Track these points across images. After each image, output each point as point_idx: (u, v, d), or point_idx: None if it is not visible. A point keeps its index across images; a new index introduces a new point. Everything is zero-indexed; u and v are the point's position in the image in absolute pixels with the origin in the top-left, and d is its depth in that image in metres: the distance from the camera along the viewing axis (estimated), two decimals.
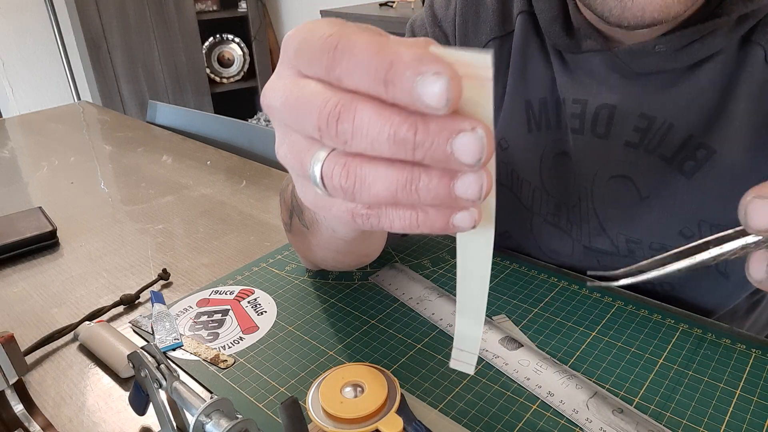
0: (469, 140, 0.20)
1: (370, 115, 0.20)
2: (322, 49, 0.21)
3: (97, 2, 2.59)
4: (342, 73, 0.21)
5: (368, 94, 0.21)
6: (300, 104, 0.22)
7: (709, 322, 0.51)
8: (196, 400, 0.35)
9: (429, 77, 0.19)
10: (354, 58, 0.20)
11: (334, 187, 0.23)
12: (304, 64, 0.23)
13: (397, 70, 0.19)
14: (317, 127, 0.22)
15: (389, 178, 0.21)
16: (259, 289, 0.59)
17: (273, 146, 0.57)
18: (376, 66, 0.20)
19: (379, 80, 0.20)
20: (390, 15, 2.00)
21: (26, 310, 0.59)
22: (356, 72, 0.20)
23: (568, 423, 0.41)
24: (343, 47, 0.21)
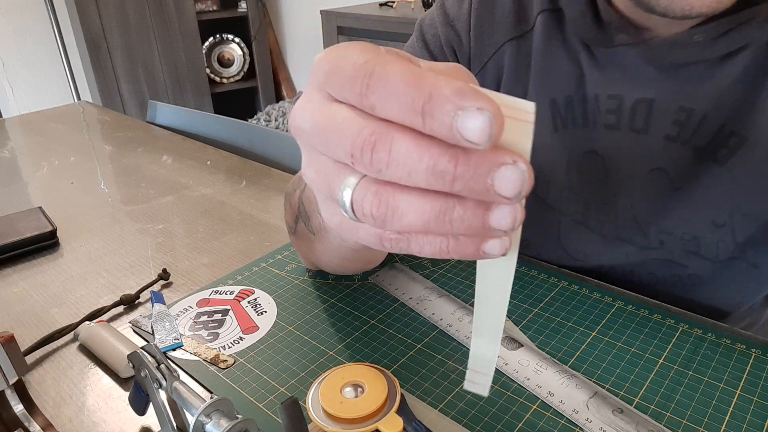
0: (511, 174, 0.20)
1: (408, 146, 0.20)
2: (356, 75, 0.21)
3: (97, 2, 2.59)
4: (377, 101, 0.21)
5: (403, 124, 0.21)
6: (331, 129, 0.22)
7: (709, 322, 0.51)
8: (196, 400, 0.35)
9: (471, 112, 0.19)
10: (390, 87, 0.20)
11: (365, 215, 0.23)
12: (336, 88, 0.23)
13: (436, 102, 0.19)
14: (350, 153, 0.22)
15: (423, 208, 0.21)
16: (259, 289, 0.59)
17: (273, 146, 0.58)
18: (413, 97, 0.20)
19: (416, 111, 0.20)
20: (390, 15, 2.00)
21: (26, 310, 0.59)
22: (392, 101, 0.20)
23: (568, 423, 0.41)
24: (379, 75, 0.21)
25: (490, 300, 0.26)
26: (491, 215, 0.21)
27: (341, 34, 2.14)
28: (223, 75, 3.15)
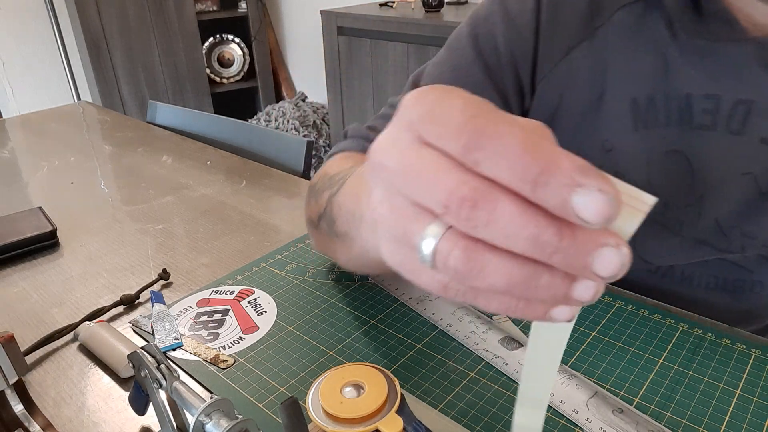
0: (613, 257, 0.20)
1: (512, 211, 0.20)
2: (464, 127, 0.21)
3: (97, 2, 2.59)
4: (484, 159, 0.20)
5: (509, 187, 0.20)
6: (425, 174, 0.22)
7: (709, 322, 0.51)
8: (196, 400, 0.35)
9: (592, 191, 0.19)
10: (503, 149, 0.20)
11: (447, 267, 0.22)
12: (435, 135, 0.22)
13: (554, 174, 0.19)
14: (444, 204, 0.21)
15: (511, 272, 0.21)
16: (259, 289, 0.59)
17: (273, 146, 0.59)
18: (528, 164, 0.20)
19: (527, 179, 0.20)
20: (390, 15, 2.00)
21: (26, 310, 0.59)
22: (503, 163, 0.20)
23: (568, 423, 0.41)
24: (492, 134, 0.20)
25: (541, 366, 0.25)
26: (576, 287, 0.21)
27: (341, 34, 2.14)
28: (223, 75, 3.15)
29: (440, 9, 2.00)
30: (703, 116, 0.50)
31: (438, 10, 1.99)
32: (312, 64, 3.08)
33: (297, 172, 1.02)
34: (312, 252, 0.66)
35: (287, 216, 0.76)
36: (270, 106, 2.99)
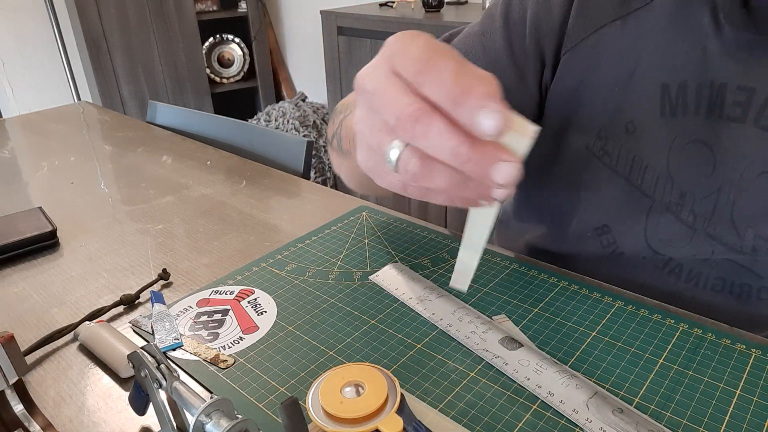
0: (507, 168, 0.28)
1: (440, 127, 0.28)
2: (418, 59, 0.29)
3: (97, 2, 2.59)
4: (424, 82, 0.28)
5: (438, 105, 0.28)
6: (387, 96, 0.29)
7: (709, 322, 0.51)
8: (196, 400, 0.35)
9: (490, 112, 0.26)
10: (439, 76, 0.28)
11: (407, 170, 0.30)
12: (400, 65, 0.29)
13: (468, 97, 0.27)
14: (396, 118, 0.28)
15: (450, 176, 0.29)
16: (259, 289, 0.59)
17: (273, 146, 0.62)
18: (452, 88, 0.27)
19: (450, 100, 0.27)
20: (390, 15, 2.00)
21: (26, 310, 0.59)
22: (436, 86, 0.28)
23: (568, 423, 0.41)
24: (434, 64, 0.28)
25: (478, 227, 0.36)
26: (494, 191, 0.30)
27: (341, 34, 2.14)
28: (223, 75, 3.15)
29: (440, 9, 2.00)
30: (734, 108, 0.50)
31: (438, 10, 1.99)
32: (312, 64, 3.08)
33: (297, 172, 1.02)
34: (312, 252, 0.66)
35: (287, 216, 0.76)
36: (270, 106, 2.99)
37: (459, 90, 0.27)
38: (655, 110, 0.54)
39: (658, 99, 0.53)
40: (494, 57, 0.60)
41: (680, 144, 0.54)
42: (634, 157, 0.56)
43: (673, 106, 0.53)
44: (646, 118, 0.54)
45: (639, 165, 0.56)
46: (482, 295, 0.56)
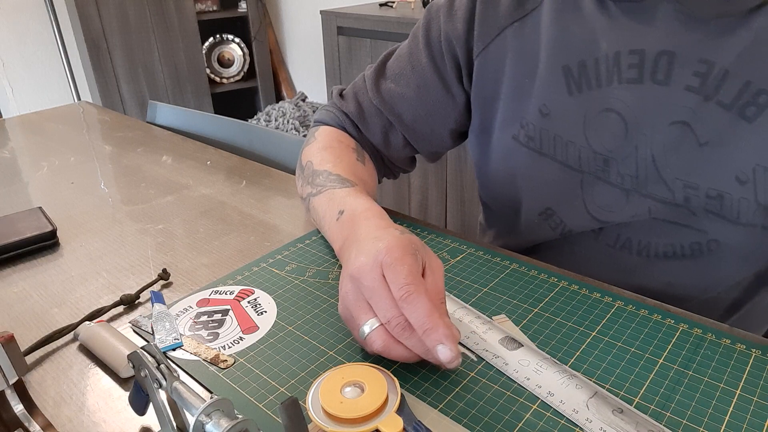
0: (447, 355, 0.42)
1: (413, 340, 0.44)
2: (403, 284, 0.43)
3: (97, 2, 2.59)
4: (406, 308, 0.43)
5: (413, 325, 0.43)
6: (383, 299, 0.44)
7: (709, 322, 0.51)
8: (196, 400, 0.35)
9: (447, 349, 0.42)
10: (416, 308, 0.43)
11: (372, 346, 0.45)
12: (390, 278, 0.44)
13: (432, 333, 0.42)
14: (387, 320, 0.44)
15: (405, 355, 0.45)
16: (259, 289, 0.59)
17: (273, 146, 0.67)
18: (423, 323, 0.42)
19: (421, 329, 0.42)
20: (390, 15, 2.00)
21: (26, 310, 0.59)
22: (414, 314, 0.43)
23: (568, 423, 0.41)
24: (414, 299, 0.43)
25: None
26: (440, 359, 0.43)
27: (341, 34, 2.14)
28: (223, 75, 3.15)
29: None
30: (630, 71, 0.55)
31: None
32: (312, 64, 3.08)
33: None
34: (312, 252, 0.66)
35: (287, 216, 0.76)
36: (270, 106, 2.99)
37: (429, 325, 0.42)
38: (562, 91, 0.59)
39: (563, 80, 0.59)
40: (421, 74, 0.69)
41: (591, 115, 0.59)
42: (554, 136, 0.62)
43: (578, 83, 0.58)
44: (557, 99, 0.60)
45: (561, 143, 0.61)
46: (482, 295, 0.56)
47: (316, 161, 0.67)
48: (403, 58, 0.71)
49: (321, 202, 0.62)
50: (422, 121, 0.71)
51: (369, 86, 0.72)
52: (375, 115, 0.72)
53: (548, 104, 0.61)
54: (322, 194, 0.62)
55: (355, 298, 0.46)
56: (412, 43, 0.71)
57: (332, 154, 0.68)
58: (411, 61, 0.70)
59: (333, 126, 0.74)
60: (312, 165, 0.67)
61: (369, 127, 0.72)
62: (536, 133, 0.62)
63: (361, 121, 0.72)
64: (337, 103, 0.75)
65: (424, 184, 2.07)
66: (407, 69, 0.70)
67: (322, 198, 0.62)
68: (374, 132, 0.72)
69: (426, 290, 0.43)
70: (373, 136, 0.73)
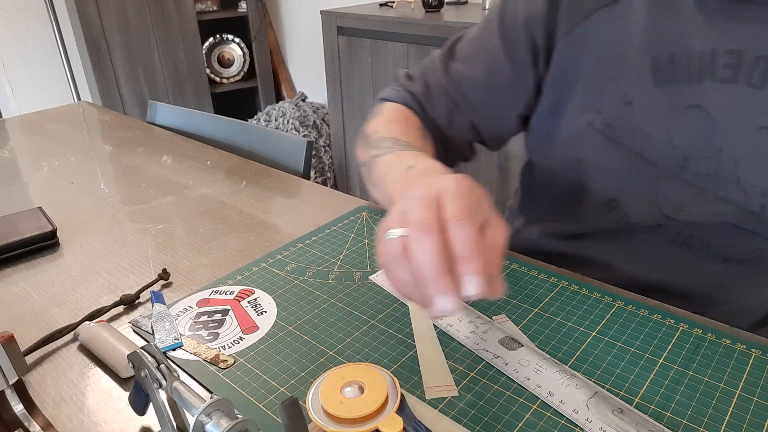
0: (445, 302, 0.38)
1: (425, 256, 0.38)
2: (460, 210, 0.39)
3: (97, 2, 2.59)
4: (452, 229, 0.38)
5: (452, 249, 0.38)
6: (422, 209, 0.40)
7: (709, 322, 0.51)
8: (196, 400, 0.35)
9: (476, 281, 0.37)
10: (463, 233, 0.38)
11: (382, 249, 0.42)
12: (447, 200, 0.40)
13: (469, 263, 0.38)
14: (417, 217, 0.39)
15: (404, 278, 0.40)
16: (259, 289, 0.59)
17: (273, 146, 0.67)
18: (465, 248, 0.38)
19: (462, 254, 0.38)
20: (390, 15, 2.00)
21: (26, 310, 0.59)
22: (457, 238, 0.38)
23: (568, 423, 0.41)
24: (464, 223, 0.38)
25: (421, 323, 0.50)
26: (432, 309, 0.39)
27: (341, 34, 2.14)
28: (223, 75, 3.15)
29: (440, 9, 2.00)
30: (725, 70, 0.54)
31: (438, 10, 1.99)
32: (312, 64, 3.08)
33: (297, 172, 1.02)
34: (312, 252, 0.66)
35: (287, 216, 0.76)
36: (270, 106, 2.99)
37: (467, 253, 0.37)
38: (647, 82, 0.58)
39: (650, 71, 0.57)
40: (492, 56, 0.67)
41: (677, 111, 0.57)
42: (634, 126, 0.60)
43: (666, 76, 0.57)
44: (642, 89, 0.58)
45: (640, 134, 0.59)
46: None
47: (383, 130, 0.66)
48: (474, 41, 0.70)
49: (388, 160, 0.59)
50: (490, 104, 0.70)
51: (438, 67, 0.71)
52: (442, 96, 0.71)
53: (632, 93, 0.59)
54: (391, 154, 0.60)
55: (398, 209, 0.42)
56: (484, 27, 0.69)
57: (399, 126, 0.67)
58: (482, 44, 0.69)
59: (398, 103, 0.73)
60: (379, 133, 0.66)
61: (434, 107, 0.71)
62: (615, 121, 0.61)
63: (427, 101, 0.71)
64: (404, 83, 0.74)
65: None
66: (478, 52, 0.69)
67: (389, 156, 0.60)
68: (439, 112, 0.71)
69: (483, 234, 0.39)
70: (438, 116, 0.71)
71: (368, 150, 0.66)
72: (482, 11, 1.95)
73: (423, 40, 1.88)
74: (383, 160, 0.60)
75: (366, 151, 0.67)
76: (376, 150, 0.63)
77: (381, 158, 0.61)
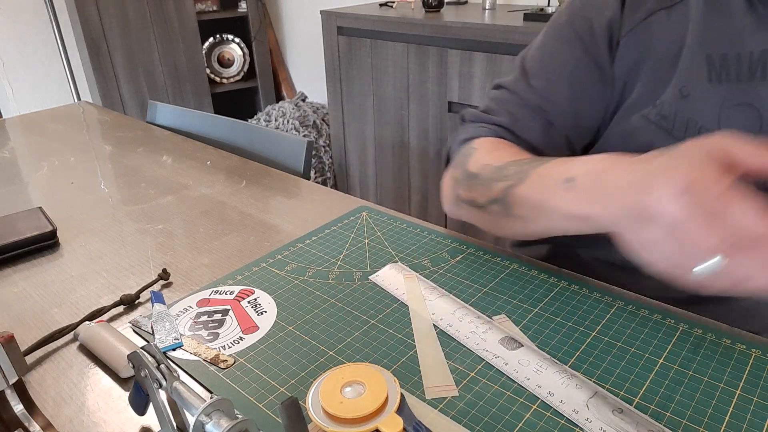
0: None
1: None
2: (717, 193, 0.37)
3: (97, 2, 2.59)
4: (729, 214, 0.36)
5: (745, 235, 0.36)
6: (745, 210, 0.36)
7: (710, 322, 0.51)
8: (196, 400, 0.35)
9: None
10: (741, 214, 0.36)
11: (712, 286, 0.37)
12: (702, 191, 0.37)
13: None
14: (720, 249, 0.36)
15: None
16: (259, 289, 0.59)
17: (273, 146, 0.62)
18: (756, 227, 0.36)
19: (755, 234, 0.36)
20: (390, 15, 2.00)
21: (26, 310, 0.59)
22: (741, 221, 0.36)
23: (568, 423, 0.41)
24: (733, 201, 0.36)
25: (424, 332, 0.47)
26: None
27: (341, 34, 2.14)
28: (223, 75, 3.15)
29: (440, 9, 2.00)
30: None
31: (438, 10, 1.99)
32: (312, 64, 3.08)
33: (297, 172, 1.02)
34: (312, 252, 0.66)
35: (287, 216, 0.76)
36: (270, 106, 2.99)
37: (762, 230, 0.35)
38: (702, 76, 0.60)
39: (704, 67, 0.60)
40: (578, 67, 0.69)
41: (728, 106, 0.59)
42: (689, 119, 0.62)
43: (718, 73, 0.59)
44: (697, 83, 0.60)
45: (693, 127, 0.61)
46: (482, 295, 0.56)
47: (494, 161, 0.62)
48: (546, 59, 0.70)
49: (532, 186, 0.54)
50: (581, 115, 0.70)
51: (520, 89, 0.70)
52: (534, 116, 0.70)
53: (688, 86, 0.61)
54: (529, 179, 0.55)
55: (693, 219, 0.37)
56: (553, 41, 0.70)
57: (508, 151, 0.64)
58: (559, 57, 0.69)
59: (488, 137, 0.69)
60: (491, 165, 0.61)
61: (527, 130, 0.70)
62: (671, 113, 0.62)
63: (518, 126, 0.70)
64: (485, 118, 0.71)
65: (424, 184, 2.07)
66: (556, 66, 0.69)
67: (530, 182, 0.54)
68: (534, 133, 0.70)
69: None
70: (533, 137, 0.70)
71: (487, 189, 0.61)
72: (482, 11, 1.95)
73: (423, 40, 1.88)
74: (524, 189, 0.55)
75: (485, 189, 0.61)
76: (503, 182, 0.58)
77: (519, 187, 0.56)
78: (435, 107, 1.91)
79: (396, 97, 2.03)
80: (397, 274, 0.60)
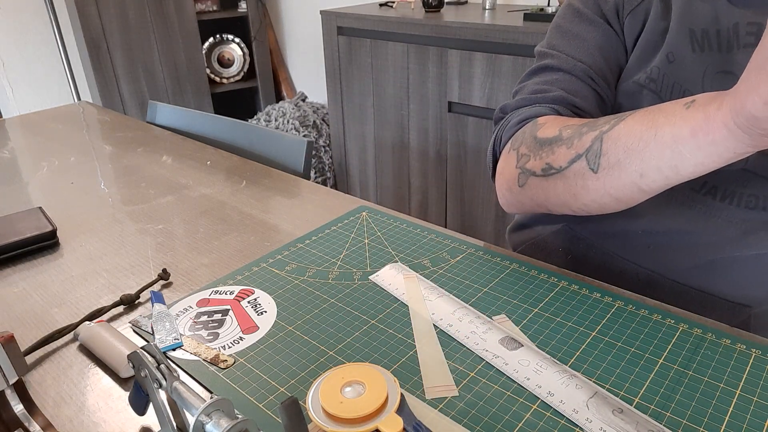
0: None
1: None
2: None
3: (97, 2, 2.59)
4: None
5: None
6: None
7: (710, 322, 0.51)
8: (196, 400, 0.35)
9: None
10: None
11: None
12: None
13: None
14: None
15: None
16: (259, 289, 0.59)
17: (273, 146, 0.61)
18: None
19: None
20: (390, 15, 2.00)
21: (26, 310, 0.59)
22: None
23: (568, 423, 0.41)
24: None
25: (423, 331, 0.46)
26: None
27: (341, 34, 2.14)
28: (223, 75, 3.15)
29: (440, 9, 2.00)
30: (748, 37, 0.62)
31: (438, 10, 1.99)
32: (312, 64, 3.08)
33: (297, 172, 1.02)
34: (312, 252, 0.66)
35: (287, 216, 0.76)
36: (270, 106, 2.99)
37: None
38: (686, 46, 0.65)
39: (688, 39, 0.65)
40: (607, 37, 0.72)
41: (712, 74, 0.64)
42: (674, 83, 0.66)
43: (701, 44, 0.65)
44: (682, 51, 0.66)
45: (679, 91, 0.66)
46: (482, 295, 0.56)
47: (570, 122, 0.62)
48: (574, 38, 0.73)
49: (637, 119, 0.53)
50: (614, 83, 0.72)
51: (564, 64, 0.72)
52: (585, 88, 0.71)
53: (674, 53, 0.66)
54: (631, 117, 0.54)
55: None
56: (571, 25, 0.73)
57: (577, 120, 0.63)
58: (583, 34, 0.72)
59: (549, 114, 0.68)
60: (573, 125, 0.61)
61: (586, 101, 0.70)
62: (659, 77, 0.67)
63: (578, 98, 0.70)
64: (538, 99, 0.71)
65: (424, 184, 2.07)
66: (585, 41, 0.72)
67: (635, 117, 0.54)
68: (591, 104, 0.70)
69: None
70: (591, 107, 0.70)
71: (574, 142, 0.59)
72: (482, 11, 1.95)
73: (423, 40, 1.88)
74: (623, 125, 0.54)
75: (567, 148, 0.60)
76: (593, 131, 0.57)
77: (617, 127, 0.55)
78: (435, 107, 1.91)
79: (396, 97, 2.03)
80: (397, 274, 0.60)
